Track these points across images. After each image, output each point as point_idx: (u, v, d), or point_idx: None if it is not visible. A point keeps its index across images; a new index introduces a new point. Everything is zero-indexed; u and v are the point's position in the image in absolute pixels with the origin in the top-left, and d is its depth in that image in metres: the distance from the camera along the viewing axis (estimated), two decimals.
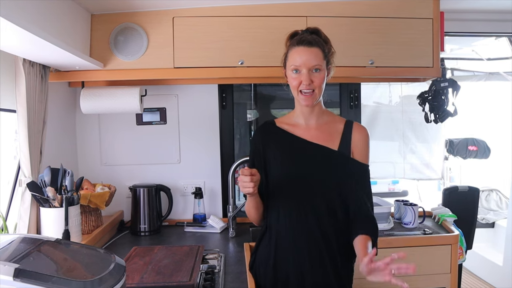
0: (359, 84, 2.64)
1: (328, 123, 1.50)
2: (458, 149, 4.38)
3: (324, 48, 1.41)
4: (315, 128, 1.48)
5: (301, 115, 1.49)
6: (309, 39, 1.39)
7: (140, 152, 2.43)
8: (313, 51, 1.37)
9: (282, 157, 1.47)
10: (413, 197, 4.77)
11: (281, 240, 1.45)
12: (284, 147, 1.48)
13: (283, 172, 1.46)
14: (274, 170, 1.46)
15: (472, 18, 2.56)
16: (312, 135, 1.47)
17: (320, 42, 1.41)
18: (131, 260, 1.67)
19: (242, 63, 2.02)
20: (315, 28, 1.46)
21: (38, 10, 1.46)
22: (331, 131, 1.48)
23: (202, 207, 2.38)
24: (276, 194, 1.45)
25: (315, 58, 1.37)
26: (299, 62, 1.37)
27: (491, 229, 4.22)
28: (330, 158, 1.45)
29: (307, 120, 1.49)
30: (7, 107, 1.73)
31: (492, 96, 4.74)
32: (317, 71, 1.38)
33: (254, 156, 1.52)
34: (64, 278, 0.87)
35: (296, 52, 1.39)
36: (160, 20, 2.00)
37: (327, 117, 1.51)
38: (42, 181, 1.71)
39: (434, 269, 2.07)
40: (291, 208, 1.43)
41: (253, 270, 1.54)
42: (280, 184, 1.45)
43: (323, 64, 1.39)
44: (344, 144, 1.46)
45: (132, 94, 2.08)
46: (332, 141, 1.46)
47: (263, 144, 1.49)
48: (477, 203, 2.94)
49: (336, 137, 1.47)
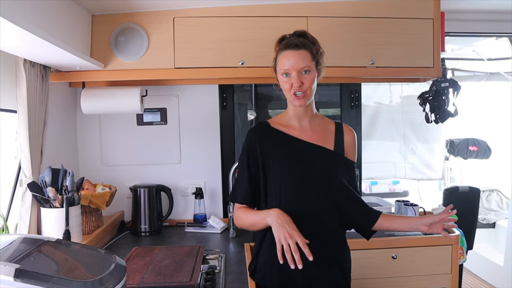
0: (359, 84, 2.64)
1: (320, 124, 1.53)
2: (458, 149, 4.38)
3: (312, 49, 1.43)
4: (309, 129, 1.50)
5: (294, 117, 1.50)
6: (296, 42, 1.41)
7: (140, 153, 2.43)
8: (301, 53, 1.40)
9: (283, 158, 1.46)
10: (413, 197, 4.76)
11: None
12: (284, 148, 1.47)
13: (286, 173, 1.44)
14: (275, 172, 1.45)
15: (473, 19, 2.56)
16: (307, 136, 1.49)
17: (308, 44, 1.43)
18: (131, 261, 1.67)
19: (242, 64, 2.02)
20: (302, 31, 1.48)
21: (38, 11, 1.46)
22: (325, 133, 1.52)
23: (202, 207, 2.38)
24: (278, 196, 1.43)
25: (303, 60, 1.39)
26: (288, 65, 1.40)
27: (491, 229, 4.22)
28: (329, 158, 1.48)
29: (300, 121, 1.50)
30: (8, 108, 1.73)
31: (492, 96, 4.74)
32: (307, 72, 1.40)
33: (249, 157, 1.48)
34: (64, 279, 0.87)
35: (285, 56, 1.41)
36: (161, 21, 2.00)
37: (319, 119, 1.55)
38: (42, 182, 1.71)
39: (434, 270, 2.07)
40: (294, 209, 1.40)
41: (256, 275, 1.49)
42: (282, 185, 1.43)
43: (312, 65, 1.41)
44: (338, 144, 1.51)
45: (132, 95, 2.08)
46: (327, 142, 1.50)
47: (260, 146, 1.47)
48: (478, 203, 2.94)
49: (330, 138, 1.51)
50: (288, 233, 1.28)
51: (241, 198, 1.50)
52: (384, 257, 2.04)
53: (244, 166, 1.49)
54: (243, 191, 1.49)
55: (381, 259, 2.05)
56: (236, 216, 1.51)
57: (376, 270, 2.05)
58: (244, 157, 1.49)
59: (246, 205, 1.50)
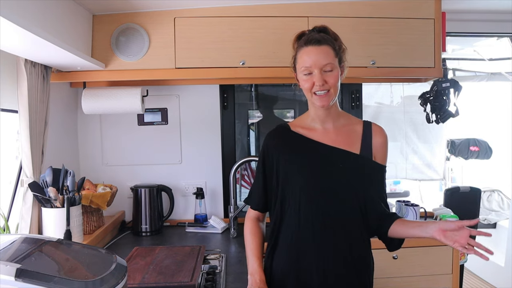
0: (360, 85, 2.63)
1: (345, 125, 1.41)
2: (459, 149, 4.38)
3: (334, 45, 1.32)
4: (333, 132, 1.39)
5: (316, 119, 1.39)
6: (317, 37, 1.30)
7: (141, 153, 2.43)
8: (323, 49, 1.29)
9: (304, 163, 1.37)
10: (414, 197, 4.76)
11: (302, 249, 1.35)
12: (304, 153, 1.38)
13: (306, 181, 1.35)
14: (295, 177, 1.36)
15: (474, 19, 2.56)
16: (331, 139, 1.37)
17: (330, 40, 1.32)
18: (132, 261, 1.67)
19: (243, 64, 2.02)
20: (322, 26, 1.37)
21: (40, 11, 1.46)
22: (350, 134, 1.39)
23: (203, 207, 2.38)
24: (297, 204, 1.34)
25: (325, 57, 1.28)
26: (309, 62, 1.28)
27: (492, 229, 4.21)
28: (354, 163, 1.36)
29: (323, 123, 1.39)
30: (9, 108, 1.73)
31: (493, 96, 4.74)
32: (330, 70, 1.29)
33: (264, 163, 1.42)
34: (65, 278, 0.87)
35: (305, 53, 1.30)
36: (162, 21, 2.00)
37: (344, 120, 1.42)
38: (43, 181, 1.71)
39: (435, 270, 2.07)
40: (314, 217, 1.33)
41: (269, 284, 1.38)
42: (301, 194, 1.34)
43: (335, 62, 1.30)
44: (365, 147, 1.38)
45: (133, 95, 2.08)
46: (352, 145, 1.38)
47: (277, 151, 1.39)
48: (479, 203, 2.94)
49: (356, 140, 1.39)
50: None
51: (254, 203, 1.47)
52: (385, 258, 2.04)
53: (260, 171, 1.43)
54: (256, 197, 1.45)
55: (382, 259, 2.04)
56: (245, 226, 1.48)
57: (377, 271, 2.03)
58: (260, 162, 1.44)
59: (258, 211, 1.47)
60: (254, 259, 1.38)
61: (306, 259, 1.34)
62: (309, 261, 1.34)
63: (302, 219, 1.34)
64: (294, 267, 1.35)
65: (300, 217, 1.34)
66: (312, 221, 1.33)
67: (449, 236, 1.20)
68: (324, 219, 1.33)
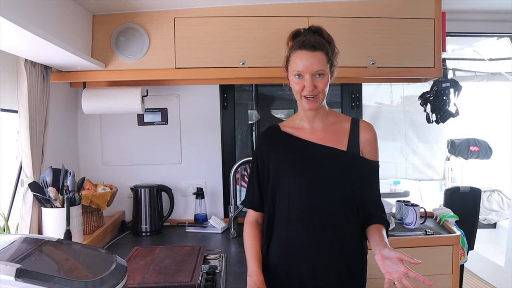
0: (360, 85, 2.63)
1: (334, 123, 1.45)
2: (459, 149, 4.38)
3: (328, 50, 1.36)
4: (321, 130, 1.43)
5: (305, 118, 1.44)
6: (312, 42, 1.33)
7: (141, 153, 2.43)
8: (316, 55, 1.32)
9: (291, 161, 1.42)
10: (414, 197, 4.77)
11: (293, 246, 1.39)
12: (293, 151, 1.43)
13: (294, 177, 1.40)
14: (283, 175, 1.41)
15: (474, 19, 2.56)
16: (319, 137, 1.42)
17: (324, 45, 1.35)
18: (132, 261, 1.67)
19: (243, 64, 2.02)
20: (318, 27, 1.40)
21: (39, 11, 1.47)
22: (338, 132, 1.43)
23: (203, 207, 2.38)
24: (287, 201, 1.39)
25: (318, 63, 1.32)
26: (302, 67, 1.32)
27: (492, 229, 4.22)
28: (340, 159, 1.40)
29: (312, 123, 1.44)
30: (9, 108, 1.73)
31: (493, 96, 4.74)
32: (321, 75, 1.33)
33: (257, 162, 1.46)
34: (65, 278, 0.87)
35: (299, 57, 1.33)
36: (162, 21, 2.00)
37: (332, 118, 1.46)
38: (43, 182, 1.71)
39: (435, 270, 2.07)
40: (303, 213, 1.37)
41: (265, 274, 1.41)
42: (291, 191, 1.39)
43: (326, 69, 1.34)
44: (352, 143, 1.42)
45: (133, 95, 2.08)
46: (340, 142, 1.41)
47: (268, 150, 1.44)
48: (479, 203, 2.94)
49: (343, 137, 1.42)
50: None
51: (249, 202, 1.50)
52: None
53: (254, 171, 1.48)
54: (252, 196, 1.49)
55: None
56: (244, 230, 1.50)
57: (376, 270, 2.02)
58: (254, 162, 1.49)
59: (254, 210, 1.49)
60: (253, 261, 1.40)
61: (297, 255, 1.38)
62: (300, 257, 1.38)
63: (291, 216, 1.39)
64: (286, 262, 1.40)
65: (289, 214, 1.39)
66: (301, 218, 1.37)
67: (386, 265, 1.24)
68: (312, 216, 1.37)
